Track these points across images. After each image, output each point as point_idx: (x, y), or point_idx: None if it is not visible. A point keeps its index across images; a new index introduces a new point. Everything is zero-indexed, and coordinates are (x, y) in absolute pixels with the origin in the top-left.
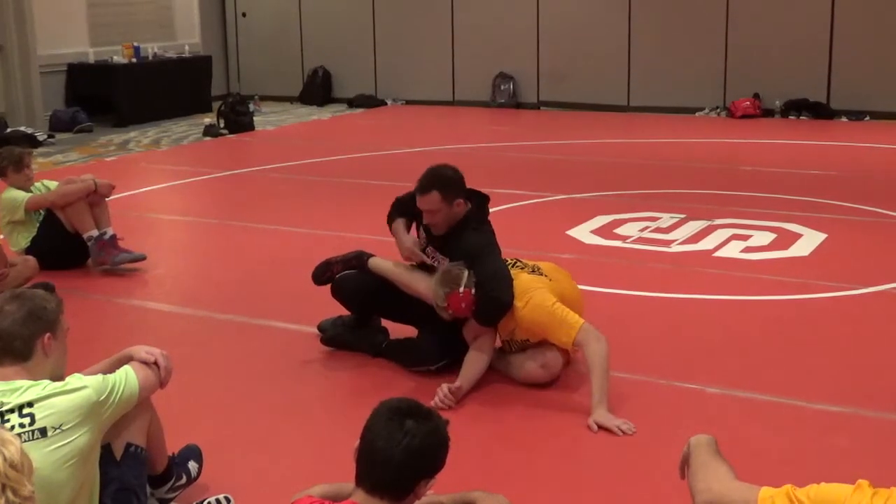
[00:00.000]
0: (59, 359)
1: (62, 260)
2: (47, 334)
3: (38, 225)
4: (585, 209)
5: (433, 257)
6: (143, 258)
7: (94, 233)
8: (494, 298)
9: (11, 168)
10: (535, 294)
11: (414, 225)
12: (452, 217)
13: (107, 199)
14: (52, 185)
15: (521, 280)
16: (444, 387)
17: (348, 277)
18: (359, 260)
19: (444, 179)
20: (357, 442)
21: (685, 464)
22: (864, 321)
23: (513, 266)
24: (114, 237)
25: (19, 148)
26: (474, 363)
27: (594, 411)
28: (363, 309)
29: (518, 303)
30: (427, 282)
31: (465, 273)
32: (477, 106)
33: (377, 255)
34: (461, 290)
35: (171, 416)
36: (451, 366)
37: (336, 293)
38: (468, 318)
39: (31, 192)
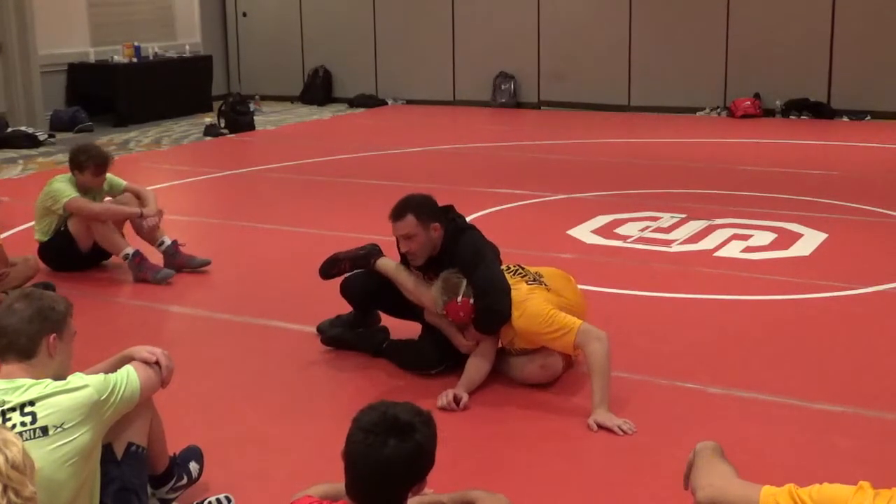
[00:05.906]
0: (63, 361)
1: (70, 265)
2: (53, 335)
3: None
4: (586, 209)
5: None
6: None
7: (130, 250)
8: (494, 311)
9: (92, 169)
10: (530, 304)
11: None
12: (430, 243)
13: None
14: (117, 181)
15: (519, 290)
16: (449, 394)
17: (356, 277)
18: (366, 260)
19: (417, 203)
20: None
21: (690, 472)
22: (864, 321)
23: (514, 273)
24: (138, 253)
25: (107, 151)
26: (476, 369)
27: (595, 411)
28: (368, 308)
29: (514, 312)
30: (430, 292)
31: (464, 282)
32: (477, 106)
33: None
34: (459, 298)
35: (172, 415)
36: (451, 369)
37: (344, 291)
38: (468, 324)
39: (85, 194)
